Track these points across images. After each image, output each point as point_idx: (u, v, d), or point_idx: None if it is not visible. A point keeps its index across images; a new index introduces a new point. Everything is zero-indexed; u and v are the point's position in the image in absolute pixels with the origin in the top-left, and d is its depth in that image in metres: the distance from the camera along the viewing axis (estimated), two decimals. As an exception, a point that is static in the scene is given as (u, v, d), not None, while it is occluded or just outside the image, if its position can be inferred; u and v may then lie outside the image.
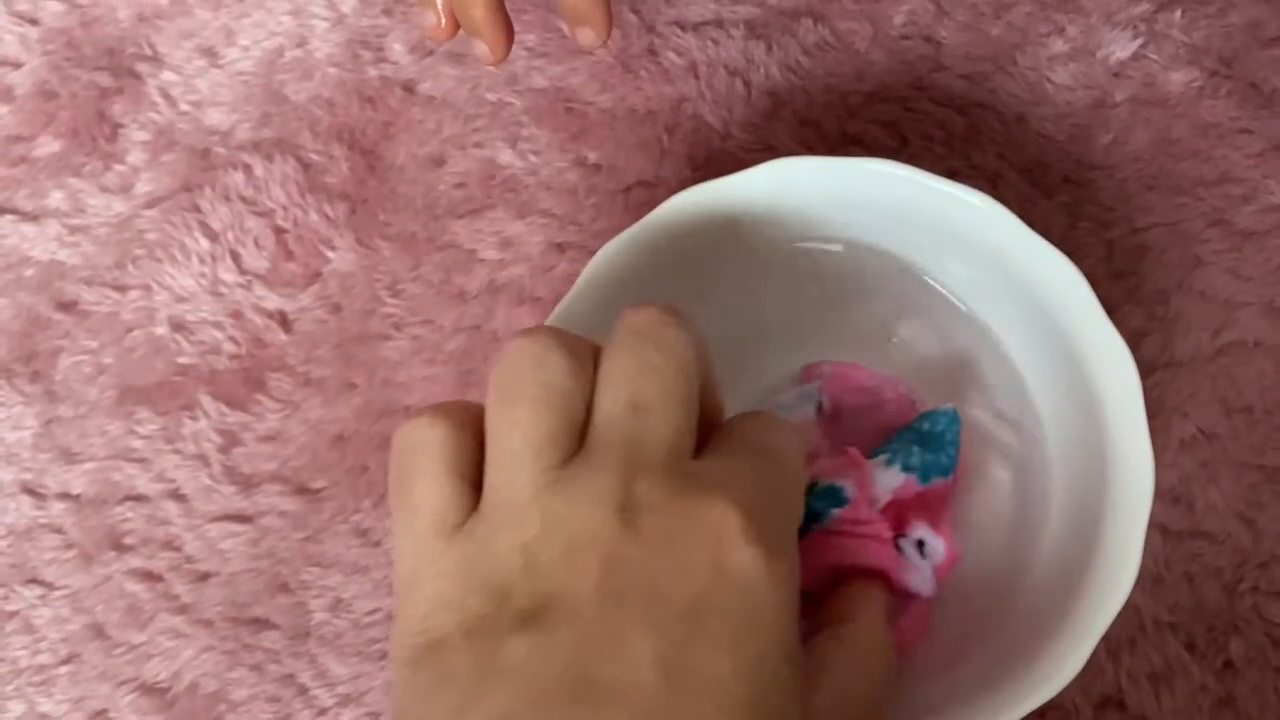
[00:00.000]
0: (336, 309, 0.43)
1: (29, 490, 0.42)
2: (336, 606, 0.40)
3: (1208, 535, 0.38)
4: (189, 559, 0.41)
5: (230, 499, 0.41)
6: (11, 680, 0.41)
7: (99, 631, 0.41)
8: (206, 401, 0.42)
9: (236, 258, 0.43)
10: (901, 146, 0.42)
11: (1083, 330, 0.33)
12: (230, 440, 0.42)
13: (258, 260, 0.43)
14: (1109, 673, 0.38)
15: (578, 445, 0.26)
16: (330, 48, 0.45)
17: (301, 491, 0.41)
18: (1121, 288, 0.40)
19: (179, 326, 0.43)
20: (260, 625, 0.40)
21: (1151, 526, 0.32)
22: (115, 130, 0.45)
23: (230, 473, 0.42)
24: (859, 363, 0.37)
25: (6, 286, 0.44)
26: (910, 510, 0.34)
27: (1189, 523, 0.38)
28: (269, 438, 0.42)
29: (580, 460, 0.26)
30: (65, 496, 0.42)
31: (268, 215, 0.43)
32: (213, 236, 0.43)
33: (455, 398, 0.42)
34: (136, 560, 0.41)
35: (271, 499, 0.41)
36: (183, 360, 0.42)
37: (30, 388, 0.43)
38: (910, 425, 0.35)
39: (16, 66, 0.46)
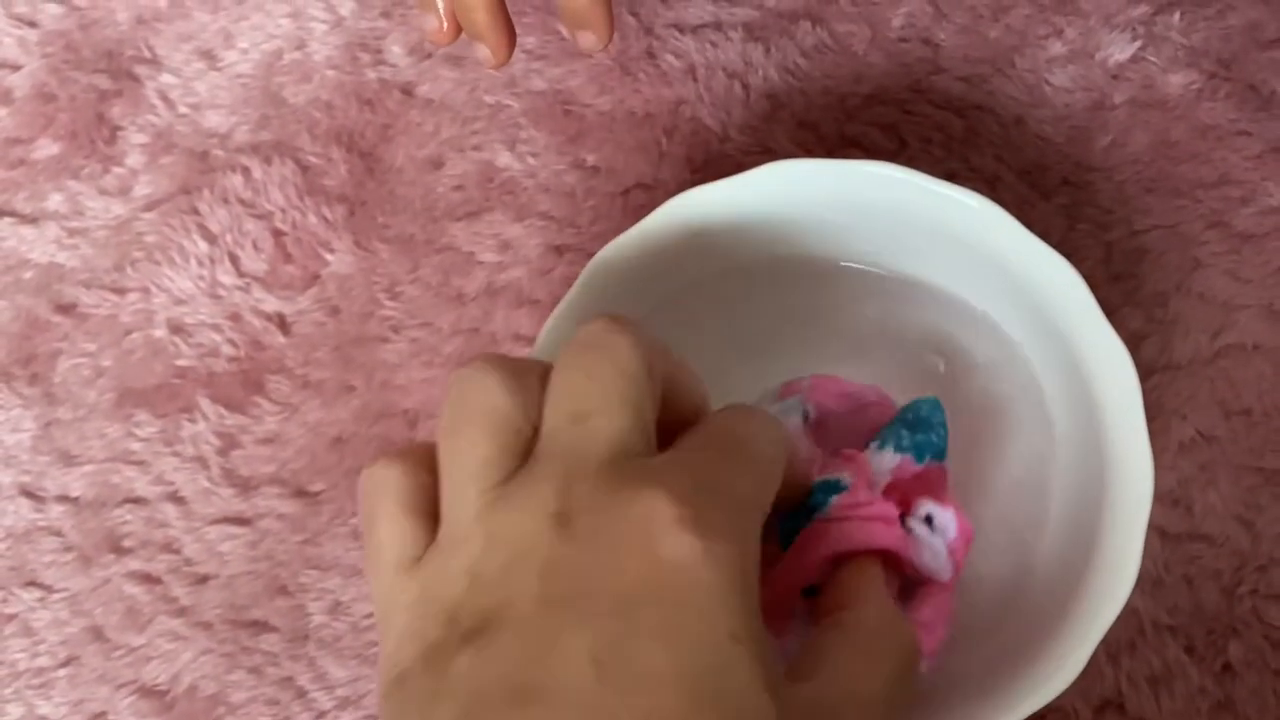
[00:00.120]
0: (335, 311, 0.43)
1: (28, 493, 0.42)
2: (335, 609, 0.40)
3: (1207, 538, 0.38)
4: (188, 561, 0.41)
5: (229, 501, 0.41)
6: (10, 683, 0.41)
7: (98, 634, 0.41)
8: (205, 404, 0.42)
9: (235, 260, 0.43)
10: (900, 149, 0.42)
11: (1081, 333, 0.33)
12: (229, 443, 0.42)
13: (256, 263, 0.43)
14: (1108, 676, 0.38)
15: (522, 463, 0.27)
16: (329, 50, 0.45)
17: (300, 494, 0.41)
18: (1120, 290, 0.40)
19: (177, 329, 0.43)
20: (259, 628, 0.40)
21: (1150, 529, 0.32)
22: (114, 133, 0.45)
23: (229, 475, 0.42)
24: (859, 365, 0.37)
25: (5, 289, 0.44)
26: (912, 491, 0.33)
27: (1188, 525, 0.38)
28: (267, 440, 0.42)
29: (522, 475, 0.26)
30: (64, 499, 0.42)
31: (266, 218, 0.43)
32: (211, 239, 0.43)
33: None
34: (135, 563, 0.41)
35: (270, 501, 0.41)
36: (181, 363, 0.42)
37: (29, 390, 0.43)
38: (895, 418, 0.35)
39: (15, 69, 0.45)
